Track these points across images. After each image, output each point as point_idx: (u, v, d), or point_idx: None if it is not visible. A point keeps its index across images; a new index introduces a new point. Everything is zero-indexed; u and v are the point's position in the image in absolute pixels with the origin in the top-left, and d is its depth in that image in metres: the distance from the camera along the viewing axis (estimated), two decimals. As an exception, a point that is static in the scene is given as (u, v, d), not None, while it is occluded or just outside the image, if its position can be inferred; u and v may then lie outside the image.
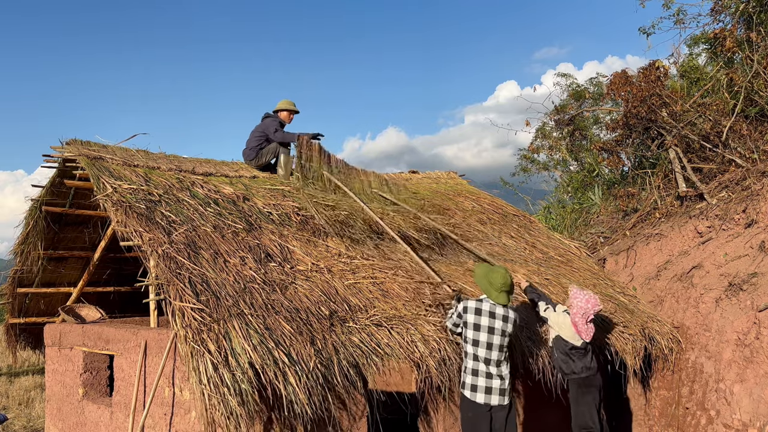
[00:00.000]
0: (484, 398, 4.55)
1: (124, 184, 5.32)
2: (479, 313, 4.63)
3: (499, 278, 4.69)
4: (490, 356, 4.58)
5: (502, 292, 4.69)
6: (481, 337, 4.58)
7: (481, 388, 4.56)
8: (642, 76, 9.47)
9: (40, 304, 6.89)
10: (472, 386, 4.57)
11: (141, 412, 4.91)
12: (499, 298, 4.68)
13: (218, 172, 6.43)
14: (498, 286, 4.68)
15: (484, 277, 4.77)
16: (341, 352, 4.44)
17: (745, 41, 9.11)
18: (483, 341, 4.58)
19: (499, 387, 4.59)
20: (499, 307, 4.69)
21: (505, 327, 4.67)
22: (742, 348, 5.95)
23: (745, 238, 6.93)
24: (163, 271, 4.49)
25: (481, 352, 4.57)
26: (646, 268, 7.90)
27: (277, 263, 5.21)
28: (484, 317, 4.62)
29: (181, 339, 4.06)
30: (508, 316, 4.71)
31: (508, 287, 4.71)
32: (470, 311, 4.65)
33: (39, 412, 8.74)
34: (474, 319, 4.61)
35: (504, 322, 4.66)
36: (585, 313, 5.22)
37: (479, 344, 4.58)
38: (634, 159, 10.61)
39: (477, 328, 4.60)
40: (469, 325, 4.61)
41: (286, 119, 7.19)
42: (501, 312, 4.68)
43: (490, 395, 4.56)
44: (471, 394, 4.57)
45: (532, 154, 13.53)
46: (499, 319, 4.65)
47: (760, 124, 8.89)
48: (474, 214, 8.13)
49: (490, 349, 4.59)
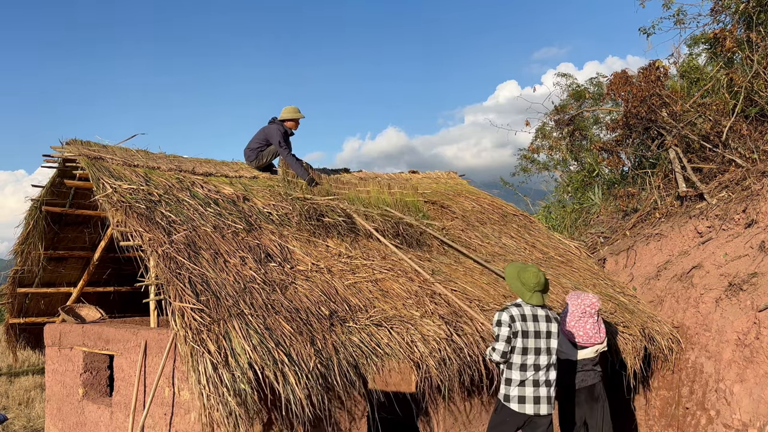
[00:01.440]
0: (533, 409, 4.31)
1: (124, 184, 5.32)
2: (524, 318, 4.35)
3: (532, 277, 4.43)
4: (539, 362, 4.34)
5: (536, 292, 4.43)
6: (529, 344, 4.31)
7: (529, 399, 4.31)
8: (642, 76, 9.48)
9: (40, 304, 6.90)
10: (520, 398, 4.32)
11: (141, 412, 4.91)
12: (533, 298, 4.42)
13: (218, 172, 6.43)
14: (531, 286, 4.42)
15: (516, 277, 4.50)
16: (341, 352, 4.44)
17: (745, 41, 9.11)
18: (531, 347, 4.31)
19: (547, 395, 4.37)
20: (537, 308, 4.45)
21: (550, 328, 4.43)
22: (742, 348, 5.95)
23: (745, 238, 6.93)
24: (163, 271, 4.49)
25: (530, 359, 4.32)
26: (646, 268, 7.90)
27: (277, 263, 5.21)
28: (529, 322, 4.35)
29: (181, 339, 4.06)
30: (550, 316, 4.48)
31: (541, 286, 4.45)
32: (517, 318, 4.33)
33: (39, 412, 8.74)
34: (521, 325, 4.32)
35: (548, 323, 4.42)
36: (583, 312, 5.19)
37: (528, 351, 4.31)
38: (634, 159, 10.61)
39: (525, 335, 4.31)
40: (518, 333, 4.30)
41: (293, 127, 7.17)
42: (542, 313, 4.45)
43: (538, 405, 4.33)
44: (519, 407, 4.33)
45: (532, 154, 13.52)
46: (542, 320, 4.41)
47: (760, 124, 8.89)
48: (474, 214, 8.13)
49: (539, 354, 4.34)
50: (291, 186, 6.42)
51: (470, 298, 5.67)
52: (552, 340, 4.42)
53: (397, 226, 6.43)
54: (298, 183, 6.53)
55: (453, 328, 5.09)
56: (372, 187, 6.93)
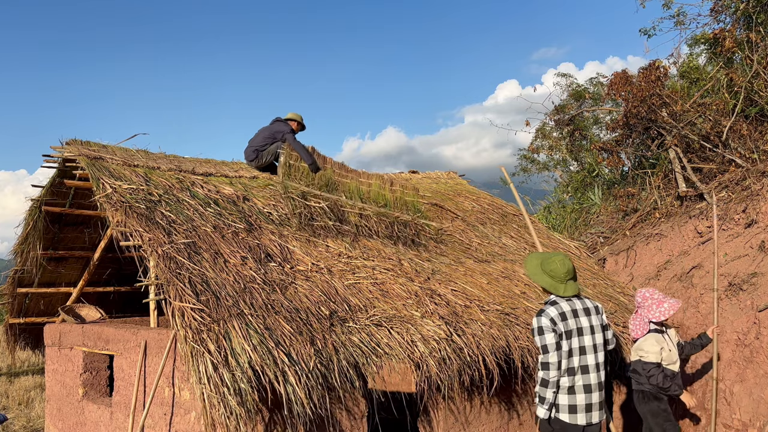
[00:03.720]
0: (585, 418, 3.84)
1: (124, 184, 5.32)
2: (564, 317, 3.84)
3: (561, 266, 3.92)
4: (587, 362, 3.87)
5: (569, 281, 3.93)
6: (573, 344, 3.83)
7: (581, 408, 3.82)
8: (642, 76, 9.48)
9: (40, 304, 6.90)
10: (570, 407, 3.83)
11: (141, 412, 4.91)
12: (567, 290, 3.92)
13: (218, 173, 6.43)
14: (562, 276, 3.91)
15: (541, 270, 3.99)
16: (341, 352, 4.44)
17: (745, 41, 9.11)
18: (576, 347, 3.84)
19: (599, 400, 3.90)
20: (575, 300, 3.94)
21: (595, 321, 3.92)
22: (742, 348, 5.94)
23: (745, 238, 6.93)
24: (163, 271, 4.49)
25: (575, 361, 3.83)
26: (646, 268, 7.90)
27: (277, 263, 5.21)
28: (570, 320, 3.85)
29: (181, 339, 4.07)
30: (590, 308, 3.96)
31: (572, 273, 3.95)
32: (557, 320, 3.81)
33: (39, 412, 8.74)
34: (563, 326, 3.82)
35: (589, 316, 3.92)
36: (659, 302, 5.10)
37: (573, 353, 3.83)
38: (634, 159, 10.61)
39: (568, 336, 3.83)
40: (561, 336, 3.82)
41: (296, 129, 7.21)
42: (581, 306, 3.93)
43: (591, 413, 3.86)
44: (570, 417, 3.84)
45: (532, 154, 13.53)
46: (583, 315, 3.90)
47: (760, 124, 8.89)
48: (474, 214, 8.13)
49: (585, 354, 3.87)
50: (292, 171, 6.36)
51: (470, 298, 5.67)
52: (597, 335, 3.94)
53: (392, 226, 6.42)
54: (300, 168, 6.48)
55: (453, 328, 5.09)
56: (375, 181, 6.90)
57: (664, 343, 5.12)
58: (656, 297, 5.20)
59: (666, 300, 5.17)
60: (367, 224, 6.28)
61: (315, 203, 6.09)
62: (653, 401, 5.15)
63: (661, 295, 5.22)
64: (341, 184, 6.55)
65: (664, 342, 5.12)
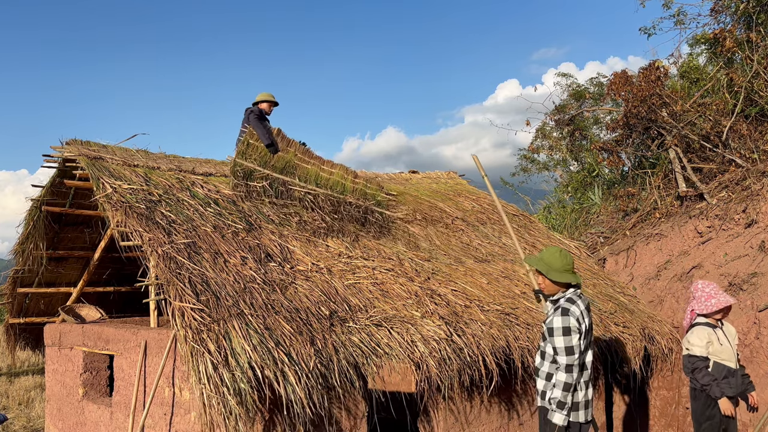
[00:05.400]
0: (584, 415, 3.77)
1: (124, 184, 5.32)
2: (583, 316, 3.75)
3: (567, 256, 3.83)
4: (588, 358, 3.79)
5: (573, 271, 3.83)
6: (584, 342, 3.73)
7: (582, 405, 3.76)
8: (642, 76, 9.48)
9: (40, 304, 6.90)
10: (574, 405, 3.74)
11: (141, 412, 4.92)
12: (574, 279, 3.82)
13: (218, 172, 6.44)
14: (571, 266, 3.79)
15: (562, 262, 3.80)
16: (341, 352, 4.44)
17: (745, 41, 9.11)
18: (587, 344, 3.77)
19: (592, 396, 3.83)
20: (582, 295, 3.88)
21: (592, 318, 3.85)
22: (742, 348, 5.94)
23: (745, 238, 6.93)
24: (163, 271, 4.49)
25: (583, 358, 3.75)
26: (646, 268, 7.90)
27: (277, 263, 5.22)
28: (587, 318, 3.77)
29: (181, 339, 4.07)
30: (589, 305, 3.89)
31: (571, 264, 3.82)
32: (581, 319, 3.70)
33: (39, 412, 8.74)
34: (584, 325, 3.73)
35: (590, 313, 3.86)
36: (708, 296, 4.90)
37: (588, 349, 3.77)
38: (634, 159, 10.61)
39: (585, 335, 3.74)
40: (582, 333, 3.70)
41: (267, 110, 7.20)
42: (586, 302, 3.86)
43: (588, 410, 3.79)
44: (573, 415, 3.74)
45: (532, 154, 13.54)
46: (588, 311, 3.83)
47: (760, 124, 8.89)
48: (474, 214, 8.13)
49: (589, 350, 3.80)
50: (249, 150, 6.30)
51: (470, 298, 5.67)
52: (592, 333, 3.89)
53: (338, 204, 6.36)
54: (258, 148, 6.43)
55: (453, 329, 5.09)
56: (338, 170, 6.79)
57: (714, 336, 4.86)
58: (708, 290, 4.97)
59: (718, 295, 4.92)
60: (313, 200, 6.23)
61: (258, 183, 6.02)
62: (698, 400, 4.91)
63: (713, 290, 4.97)
64: (300, 168, 6.46)
65: (714, 336, 4.86)
